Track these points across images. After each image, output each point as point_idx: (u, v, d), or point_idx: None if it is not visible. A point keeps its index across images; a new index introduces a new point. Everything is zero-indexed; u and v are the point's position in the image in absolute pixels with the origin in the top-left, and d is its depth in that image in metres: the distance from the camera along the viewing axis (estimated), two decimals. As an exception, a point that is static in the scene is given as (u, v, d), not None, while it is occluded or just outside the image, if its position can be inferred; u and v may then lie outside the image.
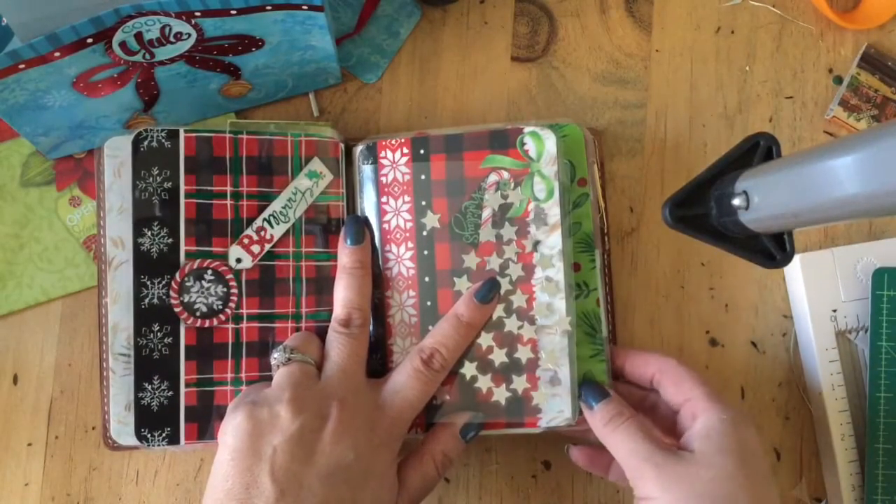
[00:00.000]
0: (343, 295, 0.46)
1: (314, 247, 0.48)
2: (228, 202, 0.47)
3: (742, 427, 0.42)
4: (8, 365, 0.52)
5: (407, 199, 0.48)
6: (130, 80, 0.47)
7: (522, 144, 0.47)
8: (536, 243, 0.46)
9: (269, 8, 0.43)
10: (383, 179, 0.48)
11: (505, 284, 0.46)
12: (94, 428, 0.51)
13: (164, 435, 0.46)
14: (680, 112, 0.54)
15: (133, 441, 0.46)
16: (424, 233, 0.47)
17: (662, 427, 0.46)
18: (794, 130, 0.54)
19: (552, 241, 0.46)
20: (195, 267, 0.46)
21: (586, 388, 0.45)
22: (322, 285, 0.48)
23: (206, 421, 0.46)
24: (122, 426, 0.46)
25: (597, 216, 0.48)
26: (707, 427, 0.42)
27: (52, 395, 0.52)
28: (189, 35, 0.44)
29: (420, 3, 0.54)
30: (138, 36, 0.43)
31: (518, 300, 0.46)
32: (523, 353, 0.46)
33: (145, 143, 0.46)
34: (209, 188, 0.47)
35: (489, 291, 0.46)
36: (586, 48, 0.55)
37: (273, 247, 0.47)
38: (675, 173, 0.54)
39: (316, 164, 0.48)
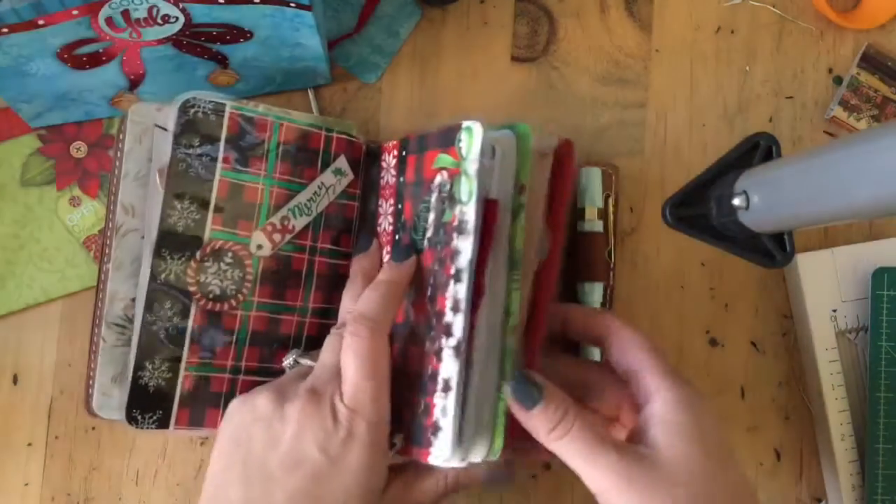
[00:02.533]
0: (347, 305, 0.45)
1: (329, 244, 0.48)
2: (260, 186, 0.46)
3: (699, 405, 0.39)
4: (8, 365, 0.52)
5: (391, 201, 0.46)
6: (115, 57, 0.47)
7: (459, 141, 0.41)
8: (456, 253, 0.40)
9: (256, 1, 0.43)
10: (381, 182, 0.48)
11: (435, 296, 0.41)
12: (93, 428, 0.51)
13: (154, 418, 0.44)
14: (680, 112, 0.54)
15: (115, 416, 0.45)
16: (398, 237, 0.46)
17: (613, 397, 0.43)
18: (794, 130, 0.54)
19: (465, 250, 0.39)
20: (217, 247, 0.45)
21: (517, 386, 0.39)
22: (331, 283, 0.48)
23: (199, 407, 0.45)
24: (106, 398, 0.45)
25: (603, 249, 0.49)
26: (666, 413, 0.38)
27: (52, 395, 0.52)
28: (177, 18, 0.44)
29: (420, 3, 0.54)
30: (125, 13, 0.43)
31: (434, 315, 0.41)
32: (430, 374, 0.40)
33: (192, 111, 0.45)
34: (245, 169, 0.46)
35: (400, 253, 0.43)
36: (586, 48, 0.54)
37: (293, 238, 0.47)
38: (675, 173, 0.54)
39: (341, 163, 0.48)
